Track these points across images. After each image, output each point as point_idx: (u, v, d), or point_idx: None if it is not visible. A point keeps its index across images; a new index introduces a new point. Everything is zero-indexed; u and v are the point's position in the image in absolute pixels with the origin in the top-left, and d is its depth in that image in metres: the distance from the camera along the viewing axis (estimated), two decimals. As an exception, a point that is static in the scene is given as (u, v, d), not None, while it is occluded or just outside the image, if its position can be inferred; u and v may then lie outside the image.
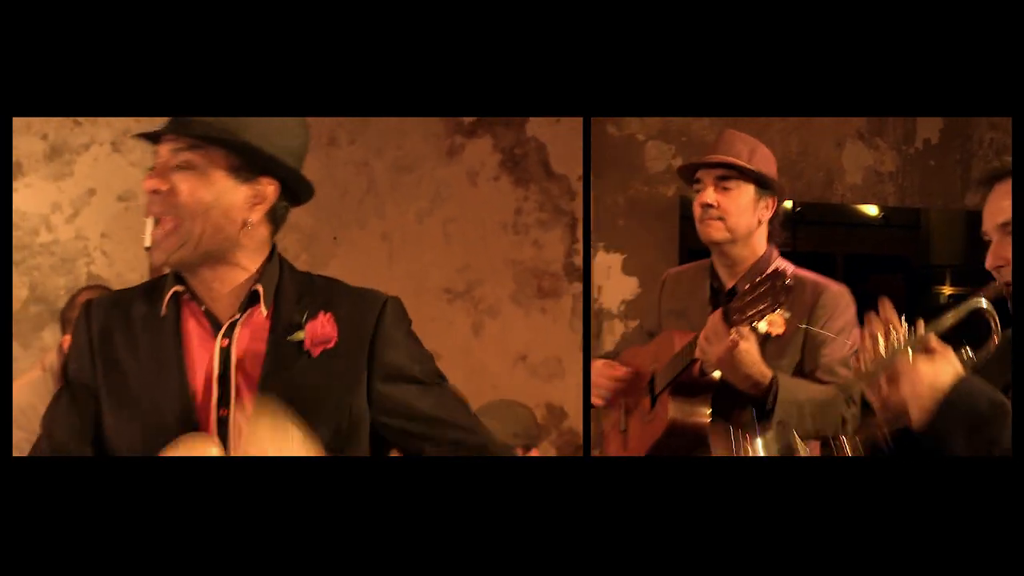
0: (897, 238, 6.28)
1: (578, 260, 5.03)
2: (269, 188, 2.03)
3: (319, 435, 1.98)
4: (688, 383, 2.69)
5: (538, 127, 4.97)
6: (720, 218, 2.78)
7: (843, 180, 4.90)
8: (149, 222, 3.03)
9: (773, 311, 2.43)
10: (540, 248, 4.97)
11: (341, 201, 4.86)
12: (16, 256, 4.66)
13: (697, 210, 2.82)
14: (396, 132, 4.89)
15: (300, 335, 2.01)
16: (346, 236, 4.85)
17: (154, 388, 2.02)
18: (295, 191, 2.07)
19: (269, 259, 2.07)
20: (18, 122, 4.64)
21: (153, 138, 2.02)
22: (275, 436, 1.95)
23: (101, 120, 4.70)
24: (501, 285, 4.97)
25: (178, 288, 2.03)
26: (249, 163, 2.00)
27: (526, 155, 4.98)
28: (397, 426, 2.07)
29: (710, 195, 2.77)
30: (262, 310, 2.04)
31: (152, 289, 2.09)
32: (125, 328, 2.05)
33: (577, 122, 4.93)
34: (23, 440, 2.96)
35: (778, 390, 2.58)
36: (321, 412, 2.01)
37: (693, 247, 3.71)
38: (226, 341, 2.02)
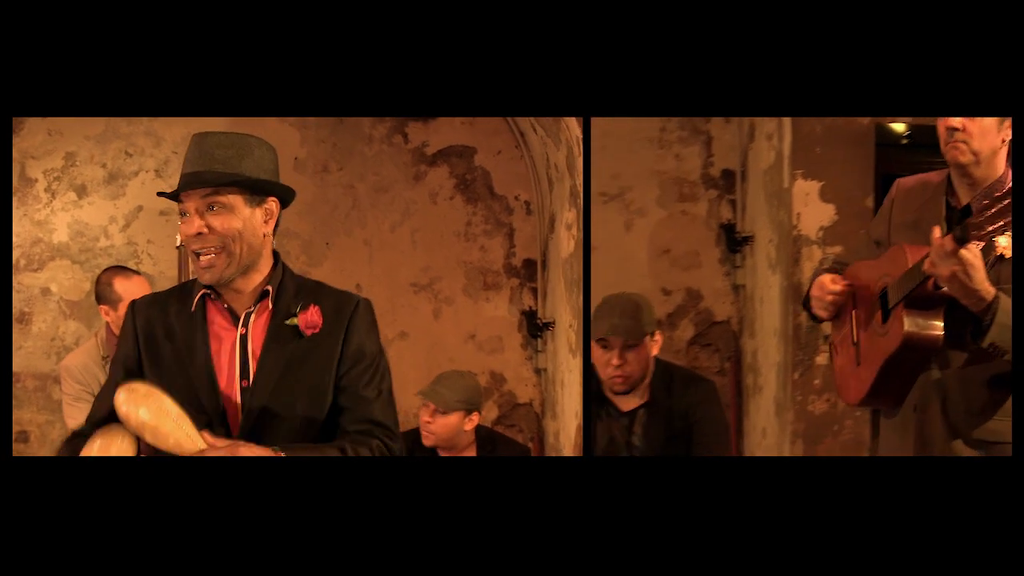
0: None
1: (515, 260, 5.37)
2: (273, 204, 2.20)
3: (302, 401, 2.15)
4: (922, 297, 2.50)
5: (484, 159, 5.36)
6: (965, 141, 2.57)
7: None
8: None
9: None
10: (485, 252, 5.39)
11: (332, 215, 5.23)
12: (82, 257, 5.13)
13: (943, 132, 2.60)
14: (375, 162, 5.29)
15: (295, 320, 2.19)
16: (336, 242, 5.17)
17: (187, 367, 2.18)
18: (284, 198, 2.24)
19: (275, 265, 2.24)
20: (83, 153, 5.10)
21: (174, 196, 2.16)
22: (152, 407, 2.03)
23: (147, 153, 5.15)
24: (455, 280, 5.36)
25: (205, 290, 2.21)
26: (254, 190, 2.16)
27: (475, 180, 5.37)
28: (346, 409, 2.20)
29: (956, 119, 2.56)
30: (269, 304, 2.21)
31: (183, 291, 2.28)
32: (163, 322, 2.21)
33: (516, 153, 5.32)
34: (83, 391, 3.77)
35: (997, 310, 2.42)
36: (307, 378, 2.18)
37: (888, 173, 3.31)
38: (244, 330, 2.20)
